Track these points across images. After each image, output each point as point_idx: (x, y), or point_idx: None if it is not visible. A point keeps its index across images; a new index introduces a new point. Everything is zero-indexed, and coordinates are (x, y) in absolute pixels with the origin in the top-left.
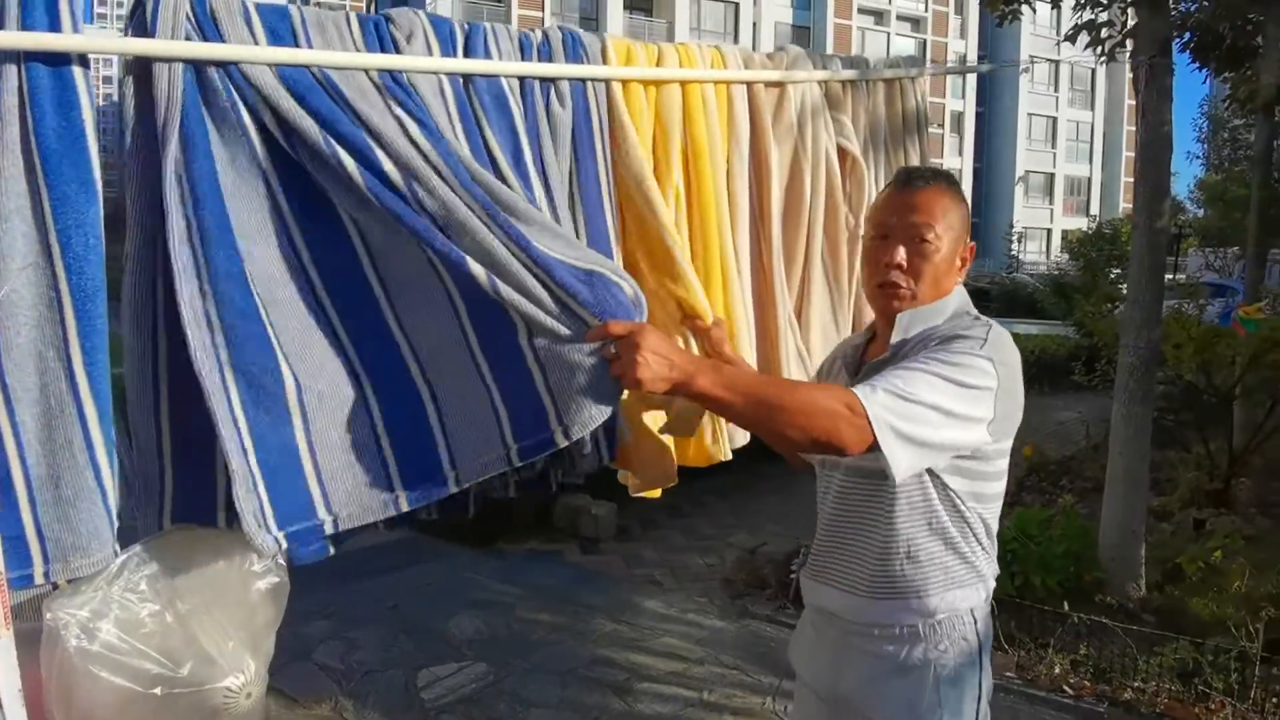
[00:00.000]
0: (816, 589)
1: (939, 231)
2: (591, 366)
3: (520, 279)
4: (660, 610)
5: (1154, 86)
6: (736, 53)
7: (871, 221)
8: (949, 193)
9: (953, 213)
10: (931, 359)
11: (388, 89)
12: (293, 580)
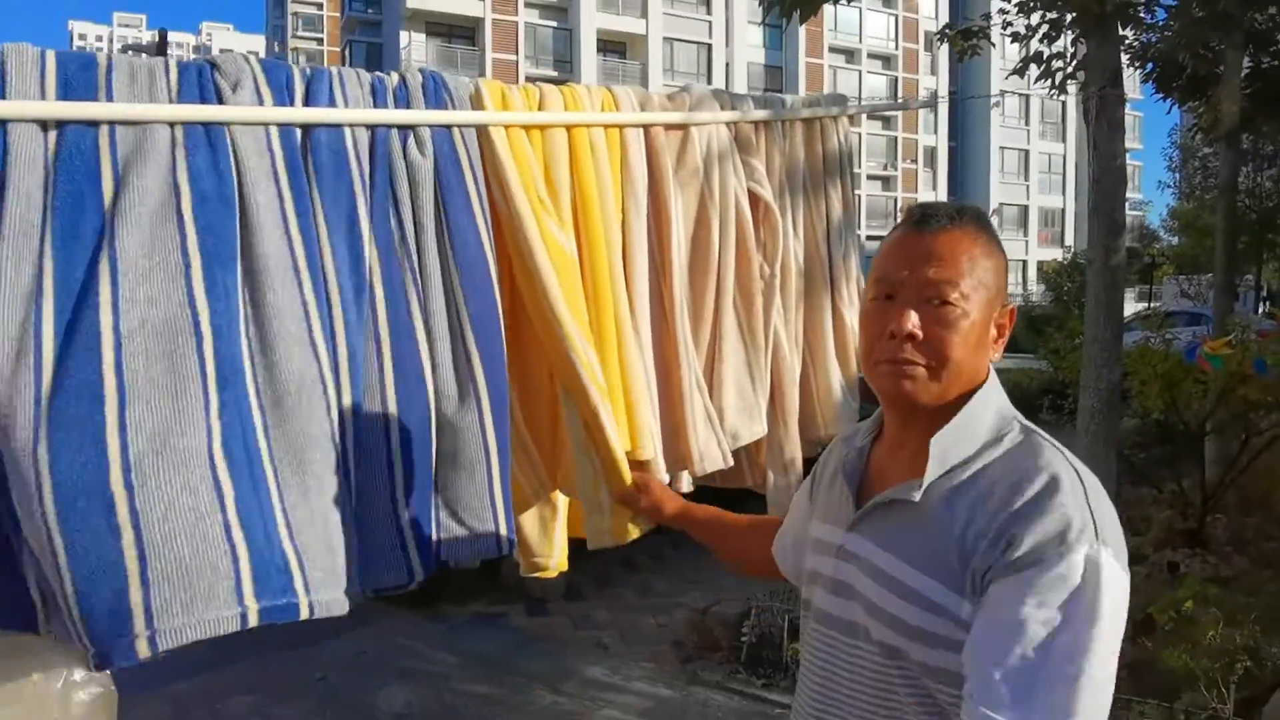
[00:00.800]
0: None
1: (965, 290)
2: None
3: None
4: (604, 679)
5: (1105, 118)
6: (631, 93)
7: (874, 276)
8: (980, 236)
9: (985, 263)
10: (1069, 638)
11: (189, 148)
12: (215, 654)
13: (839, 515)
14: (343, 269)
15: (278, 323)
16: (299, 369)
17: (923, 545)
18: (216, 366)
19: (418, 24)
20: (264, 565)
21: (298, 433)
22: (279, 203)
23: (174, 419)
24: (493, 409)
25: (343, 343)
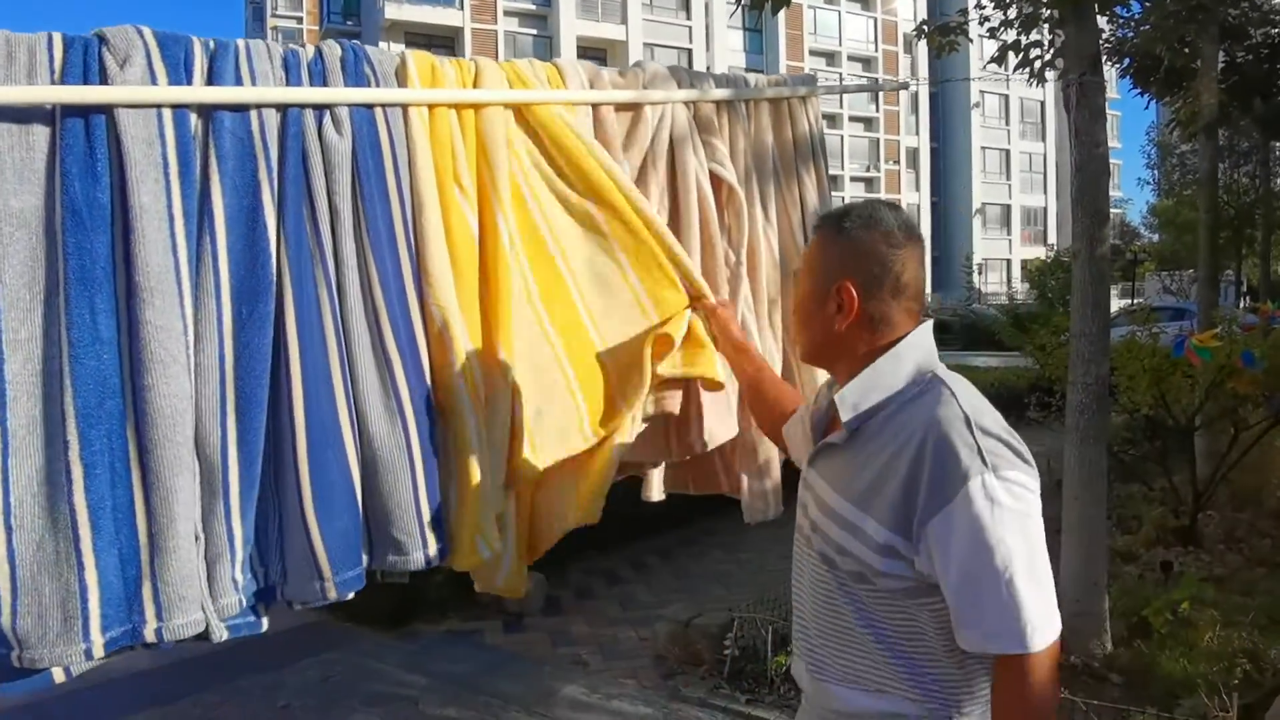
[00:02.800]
0: (797, 666)
1: (799, 273)
2: None
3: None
4: (582, 698)
5: (1085, 106)
6: (581, 69)
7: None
8: (819, 231)
9: (816, 250)
10: (968, 538)
11: (66, 149)
12: (176, 680)
13: (805, 450)
14: (240, 272)
15: (155, 344)
16: (175, 392)
17: (844, 478)
18: (78, 408)
19: (396, 34)
20: (111, 600)
21: (176, 456)
22: (166, 204)
23: (44, 464)
24: (415, 414)
25: (230, 355)
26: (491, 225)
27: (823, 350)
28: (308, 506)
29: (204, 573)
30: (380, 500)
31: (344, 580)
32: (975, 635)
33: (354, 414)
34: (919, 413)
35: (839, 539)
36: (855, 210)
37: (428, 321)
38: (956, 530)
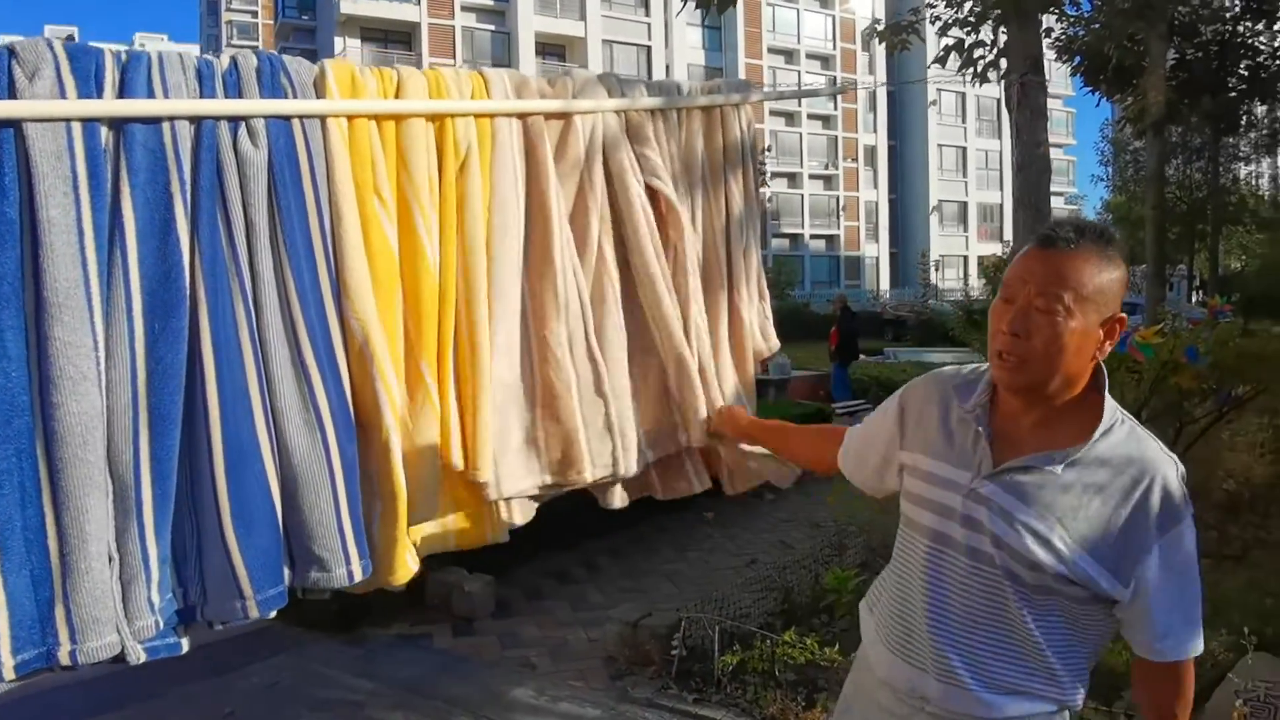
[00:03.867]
0: (907, 671)
1: (1068, 302)
2: None
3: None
4: (530, 700)
5: (1027, 105)
6: (506, 78)
7: (1002, 282)
8: (1095, 256)
9: (1095, 280)
10: (1186, 559)
11: None
12: (122, 689)
13: (969, 461)
14: (152, 287)
15: (63, 360)
16: (86, 409)
17: (1053, 503)
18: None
19: (352, 29)
20: (22, 622)
21: (87, 474)
22: (76, 218)
23: None
24: (336, 429)
25: (143, 371)
26: (412, 237)
27: (1067, 382)
28: (226, 524)
29: (119, 594)
30: (301, 516)
31: (265, 599)
32: (1170, 644)
33: (272, 429)
34: (1135, 449)
35: (1034, 556)
36: (1114, 235)
37: (347, 335)
38: (1176, 557)
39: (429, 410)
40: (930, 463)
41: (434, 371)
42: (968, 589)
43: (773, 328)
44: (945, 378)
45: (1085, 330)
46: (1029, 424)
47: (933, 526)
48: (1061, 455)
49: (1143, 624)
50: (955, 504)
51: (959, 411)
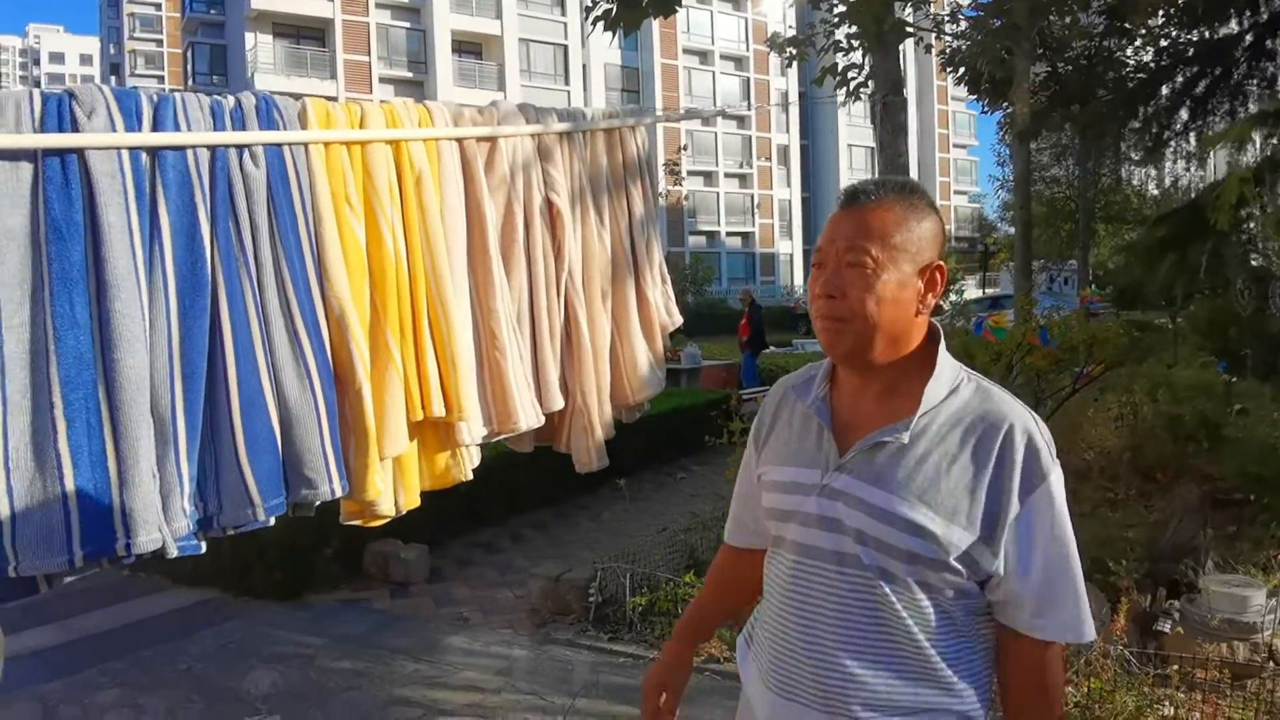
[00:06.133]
0: (788, 708)
1: (876, 253)
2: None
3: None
4: (464, 646)
5: (889, 122)
6: (445, 109)
7: (814, 251)
8: (898, 205)
9: (903, 228)
10: (1056, 525)
11: (48, 181)
12: (83, 654)
13: (816, 458)
14: (183, 272)
15: (120, 327)
16: (136, 364)
17: (910, 479)
18: (61, 376)
19: (264, 25)
20: (89, 524)
21: (139, 414)
22: (128, 222)
23: (33, 420)
24: (321, 381)
25: (176, 335)
26: (376, 234)
27: (893, 339)
28: (240, 452)
29: (160, 504)
30: (295, 448)
31: (271, 506)
32: (1051, 624)
33: (274, 381)
34: (986, 405)
35: (906, 545)
36: (918, 186)
37: (328, 310)
38: (1042, 523)
39: (393, 369)
40: (780, 470)
41: (397, 339)
42: (840, 601)
43: (675, 306)
44: (788, 380)
45: (901, 281)
46: (870, 400)
47: (792, 538)
48: (905, 424)
49: (1016, 597)
50: (810, 507)
51: (801, 409)
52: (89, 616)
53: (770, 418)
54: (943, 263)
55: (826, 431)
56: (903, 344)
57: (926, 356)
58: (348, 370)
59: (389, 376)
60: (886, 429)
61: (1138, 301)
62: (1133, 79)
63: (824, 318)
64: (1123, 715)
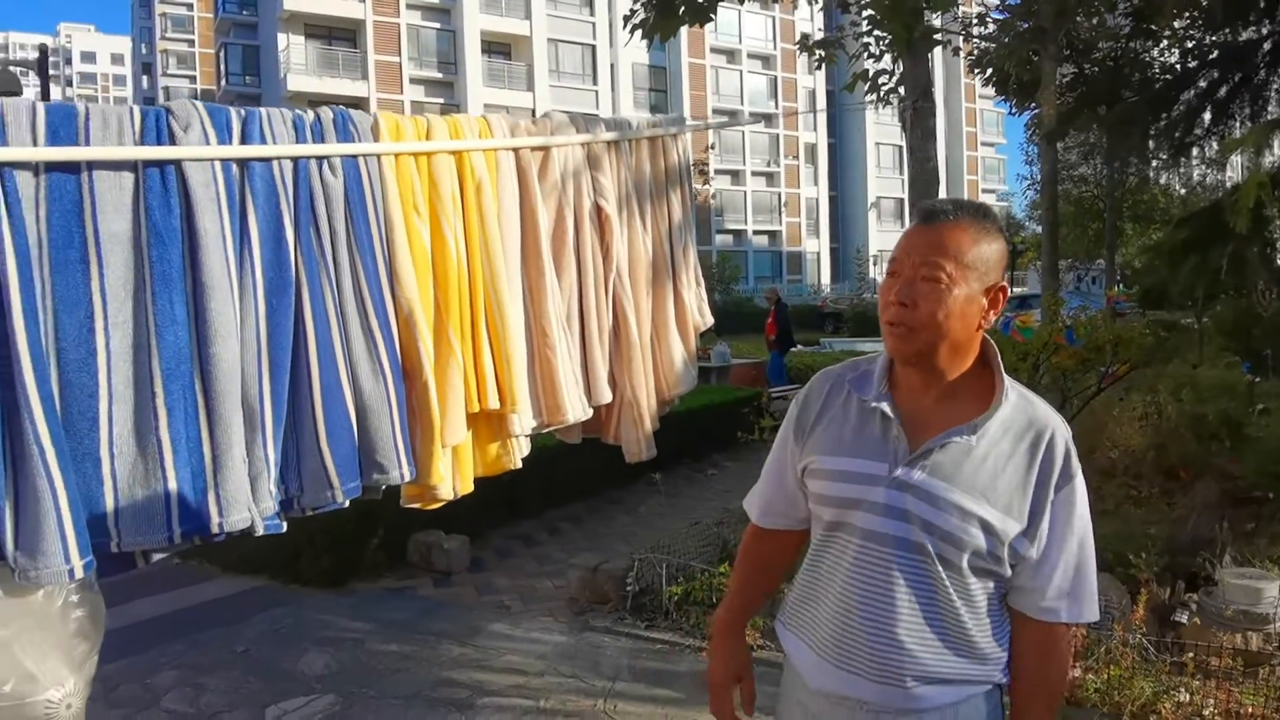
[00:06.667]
0: (842, 677)
1: (950, 269)
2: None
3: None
4: (506, 631)
5: (919, 127)
6: (503, 121)
7: (889, 259)
8: (972, 227)
9: (975, 249)
10: (1080, 519)
11: (148, 190)
12: (143, 637)
13: (882, 451)
14: (270, 274)
15: (215, 324)
16: (229, 358)
17: (974, 477)
18: (162, 369)
19: (296, 26)
20: (186, 504)
21: (231, 403)
22: (221, 228)
23: (136, 409)
24: (392, 373)
25: (264, 332)
26: (440, 239)
27: (955, 349)
28: (321, 439)
29: (249, 486)
30: (370, 436)
31: (348, 489)
32: (1075, 606)
33: (350, 374)
34: (1029, 412)
35: (968, 536)
36: (990, 210)
37: (398, 309)
38: (1067, 518)
39: (454, 364)
40: (838, 460)
41: (459, 336)
42: (897, 583)
43: (707, 306)
44: (838, 373)
45: (969, 296)
46: (931, 402)
47: (857, 524)
48: (970, 427)
49: (1036, 582)
50: (878, 496)
51: (860, 404)
52: (145, 602)
53: (819, 408)
54: (1005, 284)
55: (896, 427)
56: (964, 354)
57: (980, 365)
58: (415, 365)
59: (451, 371)
60: (954, 430)
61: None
62: (1158, 80)
63: (895, 323)
64: (1140, 700)
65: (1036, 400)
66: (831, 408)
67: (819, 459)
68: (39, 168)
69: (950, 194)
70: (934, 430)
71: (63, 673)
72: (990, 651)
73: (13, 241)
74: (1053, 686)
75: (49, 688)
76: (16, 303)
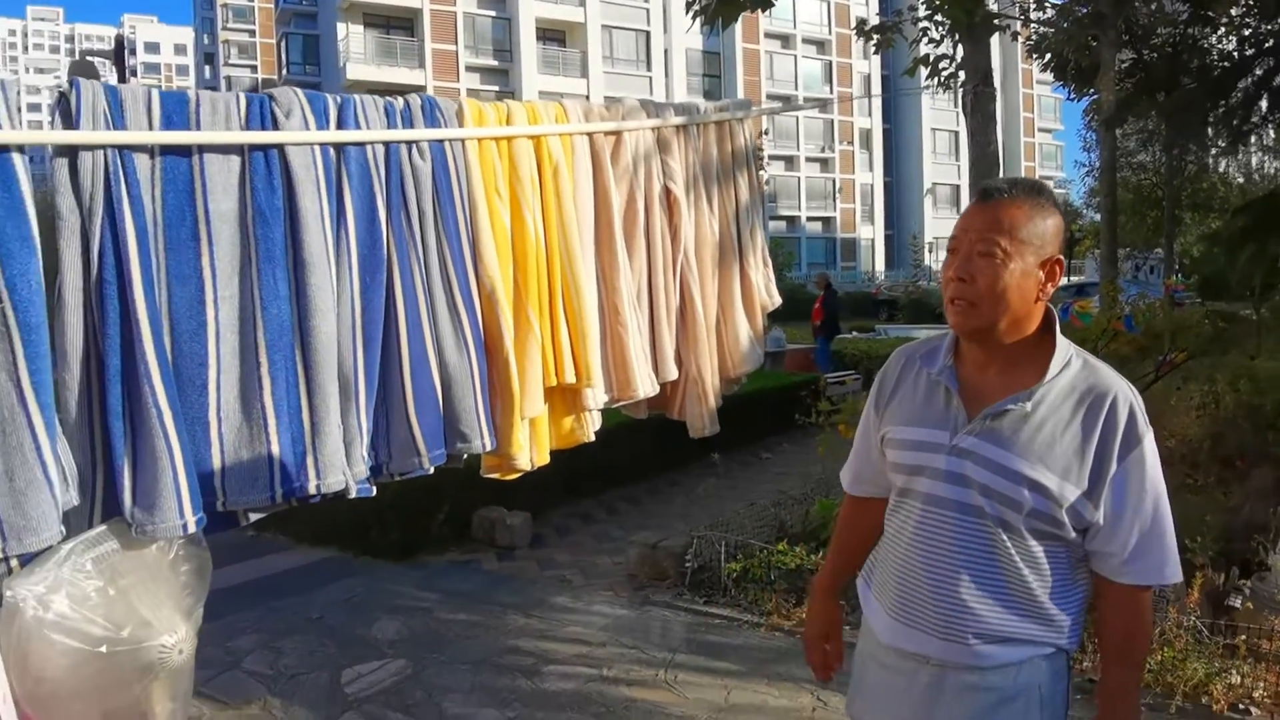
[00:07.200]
0: (909, 634)
1: (1005, 244)
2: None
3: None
4: (568, 605)
5: (979, 112)
6: (578, 106)
7: (950, 238)
8: (1027, 203)
9: (1029, 225)
10: (1152, 482)
11: (254, 172)
12: (222, 602)
13: (944, 420)
14: (364, 252)
15: (317, 298)
16: (327, 331)
17: (1030, 442)
18: (266, 340)
19: (355, 15)
20: (287, 468)
21: (329, 374)
22: (320, 208)
23: (242, 377)
24: (475, 347)
25: (359, 307)
26: (520, 220)
27: (1014, 321)
28: (410, 409)
29: (343, 451)
30: (454, 406)
31: (434, 456)
32: (1139, 569)
33: (437, 347)
34: (1092, 378)
35: (1025, 499)
36: (1046, 187)
37: (481, 287)
38: (1135, 481)
39: (533, 339)
40: (908, 430)
41: (537, 313)
42: (962, 545)
43: (775, 287)
44: (911, 349)
45: (1025, 270)
46: (993, 373)
47: (921, 489)
48: (1027, 394)
49: (1110, 546)
50: (940, 463)
51: (928, 377)
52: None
53: (894, 383)
54: (1061, 257)
55: (955, 398)
56: (1024, 325)
57: (1042, 336)
58: (497, 340)
59: (529, 346)
60: (1011, 398)
61: (1222, 293)
62: (1217, 68)
63: (955, 298)
64: (1192, 681)
65: (1101, 366)
66: (905, 382)
67: (893, 429)
68: (155, 150)
69: (978, 184)
70: (993, 399)
71: (175, 620)
72: (1054, 614)
73: (133, 220)
74: (1136, 650)
75: (163, 634)
76: (137, 277)
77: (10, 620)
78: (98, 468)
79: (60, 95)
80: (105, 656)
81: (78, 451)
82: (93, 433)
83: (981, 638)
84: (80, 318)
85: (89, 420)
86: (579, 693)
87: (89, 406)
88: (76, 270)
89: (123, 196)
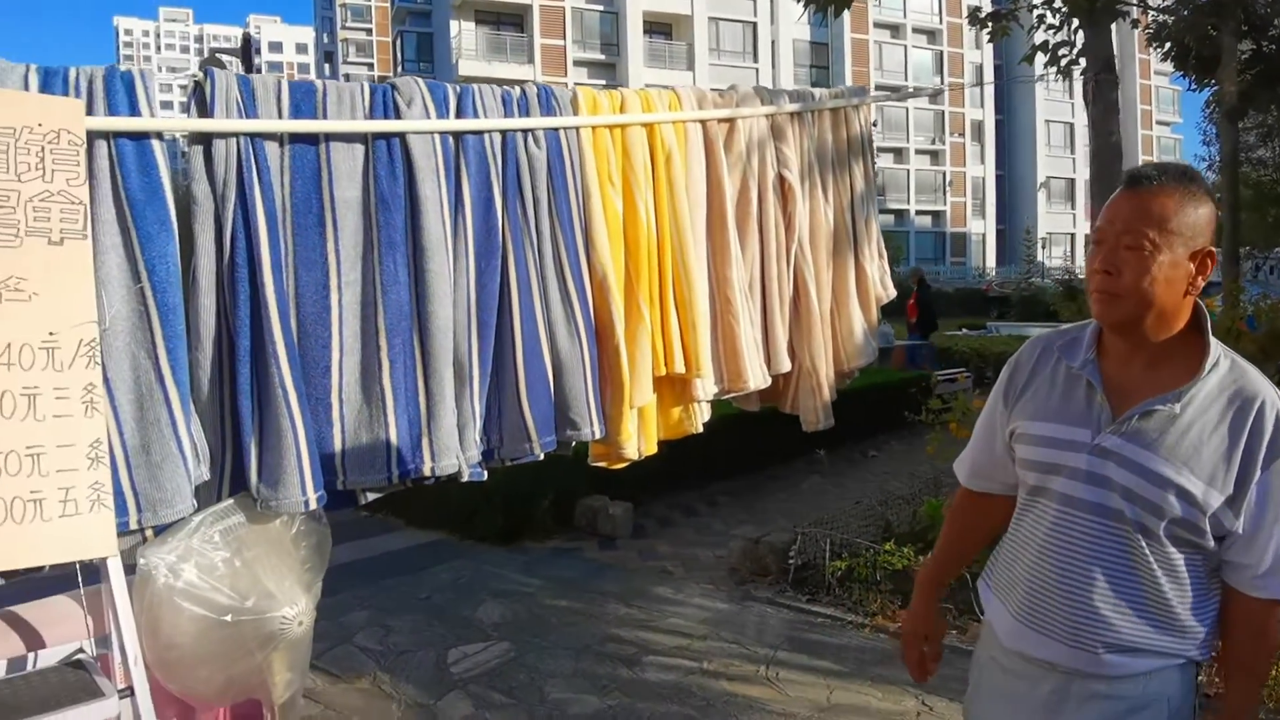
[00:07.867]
0: (1037, 639)
1: (1153, 236)
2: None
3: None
4: (669, 595)
5: (1101, 100)
6: (691, 94)
7: (1095, 229)
8: (1177, 192)
9: (1179, 215)
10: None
11: (377, 160)
12: (335, 580)
13: (1085, 418)
14: (480, 239)
15: (436, 284)
16: (444, 316)
17: (1177, 445)
18: (386, 325)
19: (467, 13)
20: (403, 449)
21: (445, 359)
22: (439, 194)
23: (363, 360)
24: (586, 337)
25: (474, 294)
26: (632, 208)
27: (1162, 316)
28: (522, 396)
29: (457, 435)
30: (565, 394)
31: (545, 442)
32: (1274, 584)
33: (549, 335)
34: (1240, 380)
35: (1169, 504)
36: (1196, 174)
37: (593, 275)
38: (1278, 491)
39: (643, 328)
40: (1044, 426)
41: (648, 302)
42: (1098, 550)
43: (890, 280)
44: (1048, 340)
45: (1174, 262)
46: (1138, 369)
47: (1056, 489)
48: (1175, 395)
49: (1248, 558)
50: (1079, 463)
51: (1068, 370)
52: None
53: (1028, 374)
54: (1214, 249)
55: (1099, 394)
56: (1172, 321)
57: (1191, 332)
58: (608, 328)
59: (640, 335)
60: (1159, 398)
61: None
62: None
63: (1099, 291)
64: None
65: (1249, 368)
66: (1040, 374)
67: (1025, 424)
68: (284, 139)
69: (1101, 175)
70: (1139, 398)
71: (296, 592)
72: (1189, 625)
73: (263, 206)
74: (1261, 666)
75: (284, 605)
76: (266, 260)
77: (143, 587)
78: (227, 444)
79: (195, 85)
80: (230, 625)
81: (208, 428)
82: (223, 411)
83: (1112, 648)
84: (213, 299)
85: (219, 399)
86: (679, 685)
87: (220, 385)
88: (210, 254)
89: (254, 183)
